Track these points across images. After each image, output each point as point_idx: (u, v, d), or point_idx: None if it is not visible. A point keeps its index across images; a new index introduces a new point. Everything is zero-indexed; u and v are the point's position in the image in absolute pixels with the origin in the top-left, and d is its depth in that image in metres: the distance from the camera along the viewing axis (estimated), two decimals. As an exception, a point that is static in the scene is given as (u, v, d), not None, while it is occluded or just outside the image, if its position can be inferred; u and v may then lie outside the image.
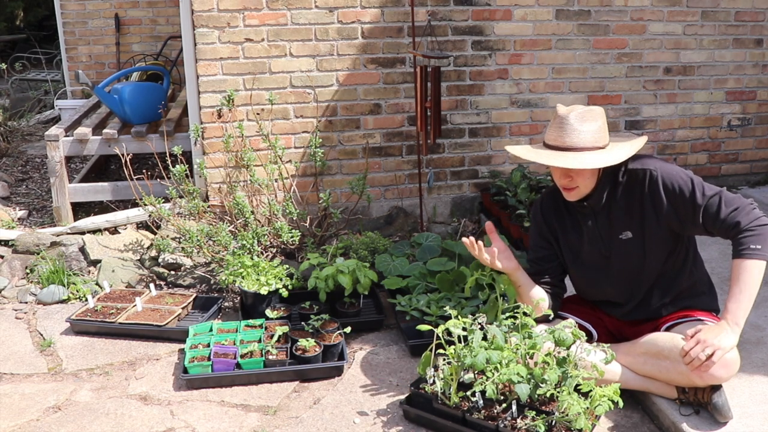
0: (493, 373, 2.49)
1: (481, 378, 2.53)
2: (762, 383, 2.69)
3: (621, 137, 2.68)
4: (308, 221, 4.16)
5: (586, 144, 2.50)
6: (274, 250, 4.05)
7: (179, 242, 4.03)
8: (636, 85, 4.69)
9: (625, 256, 2.65)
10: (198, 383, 2.98)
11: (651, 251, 2.61)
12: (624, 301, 2.73)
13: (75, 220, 4.51)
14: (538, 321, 2.69)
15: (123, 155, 4.20)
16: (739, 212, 2.43)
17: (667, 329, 2.64)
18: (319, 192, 4.28)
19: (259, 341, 3.15)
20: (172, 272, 4.00)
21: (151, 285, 3.83)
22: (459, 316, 2.70)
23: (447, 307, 2.89)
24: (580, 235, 2.75)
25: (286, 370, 3.02)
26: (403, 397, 2.81)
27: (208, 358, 3.03)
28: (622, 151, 2.52)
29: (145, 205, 4.04)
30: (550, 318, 2.77)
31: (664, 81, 4.73)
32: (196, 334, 3.25)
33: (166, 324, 3.39)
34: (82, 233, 4.31)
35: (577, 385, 2.46)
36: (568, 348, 2.52)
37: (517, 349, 2.57)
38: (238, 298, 3.72)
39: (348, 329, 3.21)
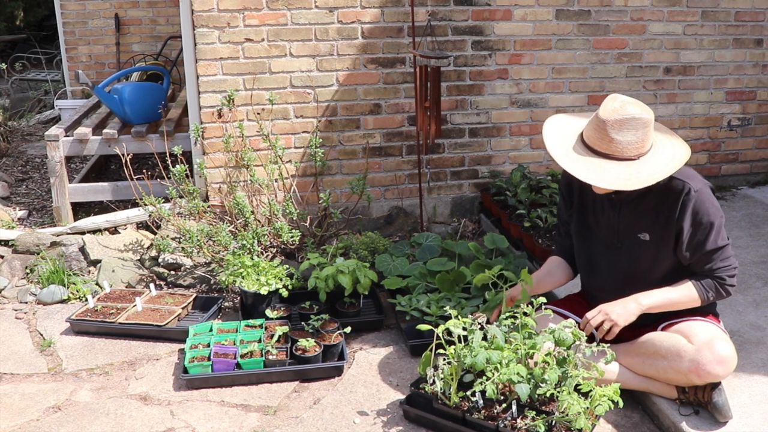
0: (493, 373, 2.49)
1: (481, 378, 2.53)
2: (762, 383, 2.69)
3: (667, 137, 2.59)
4: (308, 221, 4.16)
5: (615, 153, 2.45)
6: (274, 250, 4.05)
7: (179, 242, 4.03)
8: (636, 85, 4.69)
9: (635, 256, 2.64)
10: (198, 383, 2.98)
11: (660, 261, 2.60)
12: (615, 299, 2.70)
13: (75, 220, 4.52)
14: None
15: (123, 155, 4.20)
16: (726, 270, 2.55)
17: (664, 329, 2.64)
18: (319, 192, 4.28)
19: (259, 341, 3.15)
20: (172, 272, 4.00)
21: (151, 285, 3.83)
22: (459, 316, 2.70)
23: (447, 307, 2.89)
24: (597, 218, 2.74)
25: (286, 370, 3.02)
26: (403, 397, 2.81)
27: (208, 358, 3.03)
28: (653, 173, 2.44)
29: (145, 205, 4.04)
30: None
31: (664, 81, 4.73)
32: (196, 334, 3.25)
33: (166, 324, 3.39)
34: (82, 233, 4.31)
35: (577, 385, 2.47)
36: (568, 348, 2.52)
37: (517, 349, 2.57)
38: (238, 298, 3.72)
39: (348, 329, 3.20)
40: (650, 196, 2.58)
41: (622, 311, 2.55)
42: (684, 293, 2.56)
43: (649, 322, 2.68)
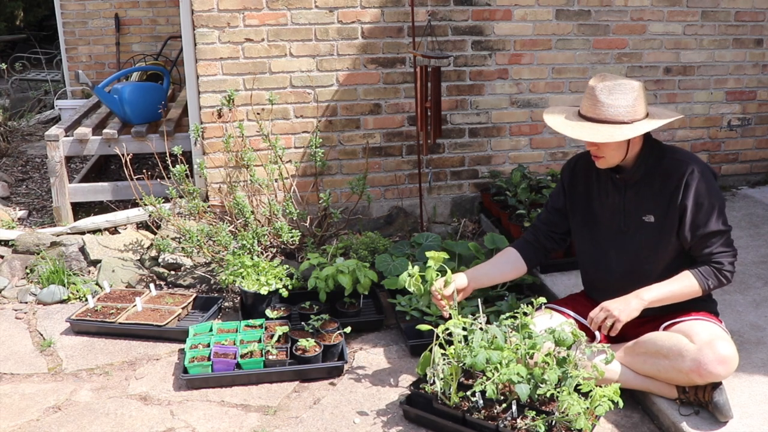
0: (493, 373, 2.49)
1: (481, 378, 2.53)
2: (762, 383, 2.69)
3: (660, 113, 2.66)
4: (308, 221, 4.16)
5: (608, 117, 2.51)
6: (274, 250, 4.05)
7: (179, 242, 4.03)
8: (636, 85, 4.68)
9: (641, 239, 2.66)
10: (198, 383, 2.98)
11: (664, 243, 2.62)
12: (624, 292, 2.71)
13: (75, 220, 4.51)
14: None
15: (123, 155, 4.20)
16: (725, 255, 2.57)
17: (666, 328, 2.64)
18: (319, 192, 4.28)
19: (259, 341, 3.15)
20: (172, 272, 4.00)
21: (151, 285, 3.84)
22: (459, 316, 2.70)
23: (447, 307, 2.89)
24: (603, 204, 2.76)
25: (286, 370, 3.02)
26: (403, 397, 2.81)
27: (208, 358, 3.03)
28: (642, 126, 2.51)
29: (145, 205, 4.04)
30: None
31: (664, 81, 4.73)
32: (196, 334, 3.25)
33: (166, 324, 3.39)
34: (82, 233, 4.31)
35: (577, 385, 2.47)
36: (568, 348, 2.52)
37: (517, 349, 2.57)
38: (238, 298, 3.72)
39: (348, 329, 3.20)
40: (654, 177, 2.61)
41: (623, 307, 2.56)
42: (684, 283, 2.57)
43: (651, 314, 2.68)
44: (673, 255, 2.63)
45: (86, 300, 3.68)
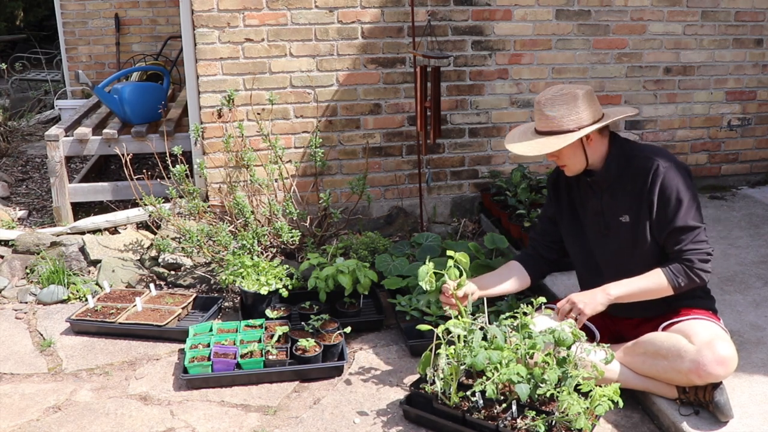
0: (493, 373, 2.49)
1: (481, 378, 2.53)
2: (762, 383, 2.69)
3: (617, 112, 2.71)
4: (308, 221, 4.16)
5: (554, 128, 2.58)
6: (274, 250, 4.05)
7: (179, 242, 4.03)
8: (636, 85, 4.69)
9: (621, 239, 2.69)
10: (198, 383, 2.98)
11: (640, 241, 2.64)
12: None
13: (75, 220, 4.52)
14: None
15: (123, 155, 4.20)
16: (695, 252, 2.55)
17: (665, 329, 2.64)
18: (319, 192, 4.28)
19: (259, 341, 3.15)
20: (172, 272, 4.00)
21: (151, 285, 3.83)
22: (459, 316, 2.70)
23: (447, 307, 2.88)
24: (584, 209, 2.80)
25: (286, 370, 3.02)
26: (403, 397, 2.81)
27: (208, 358, 3.03)
28: (584, 131, 2.56)
29: (145, 205, 4.04)
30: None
31: (664, 81, 4.73)
32: (196, 334, 3.25)
33: (166, 324, 3.39)
34: (82, 233, 4.31)
35: (577, 385, 2.47)
36: (568, 348, 2.52)
37: (517, 349, 2.57)
38: (238, 298, 3.72)
39: (348, 329, 3.20)
40: (625, 178, 2.65)
41: (589, 300, 2.59)
42: (653, 280, 2.58)
43: (652, 315, 2.69)
44: (654, 254, 2.64)
45: (86, 300, 3.68)
